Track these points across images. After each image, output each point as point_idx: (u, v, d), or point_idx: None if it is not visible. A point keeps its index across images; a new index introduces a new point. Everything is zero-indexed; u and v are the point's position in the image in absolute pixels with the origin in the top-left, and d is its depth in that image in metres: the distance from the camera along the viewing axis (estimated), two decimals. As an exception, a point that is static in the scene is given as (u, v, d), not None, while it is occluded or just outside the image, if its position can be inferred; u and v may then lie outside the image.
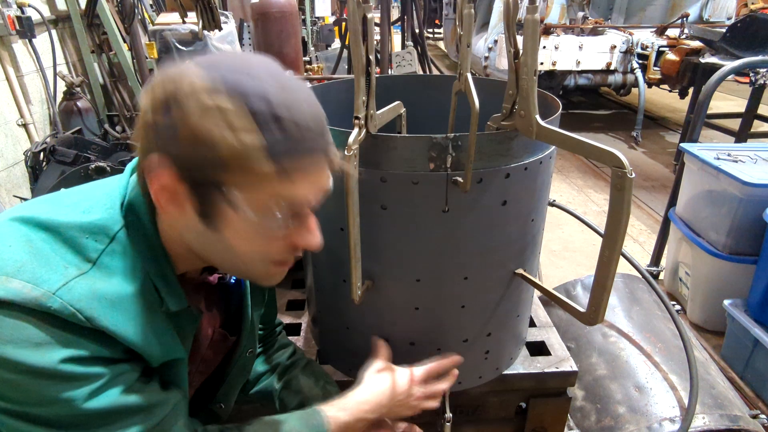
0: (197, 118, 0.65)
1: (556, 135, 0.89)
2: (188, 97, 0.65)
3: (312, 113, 0.72)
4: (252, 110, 0.65)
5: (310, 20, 6.95)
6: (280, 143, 0.67)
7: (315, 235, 0.79)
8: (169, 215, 0.74)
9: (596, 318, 0.97)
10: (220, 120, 0.65)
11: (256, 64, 0.70)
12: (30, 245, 0.69)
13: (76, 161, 3.39)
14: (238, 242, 0.74)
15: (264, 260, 0.79)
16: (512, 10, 0.88)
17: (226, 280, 1.01)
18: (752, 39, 4.28)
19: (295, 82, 0.73)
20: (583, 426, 1.50)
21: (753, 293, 2.27)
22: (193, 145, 0.66)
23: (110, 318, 0.69)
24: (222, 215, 0.71)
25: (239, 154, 0.66)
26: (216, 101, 0.65)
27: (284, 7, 3.12)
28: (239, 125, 0.65)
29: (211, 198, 0.70)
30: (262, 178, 0.68)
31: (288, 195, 0.71)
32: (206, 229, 0.73)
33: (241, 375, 1.11)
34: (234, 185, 0.68)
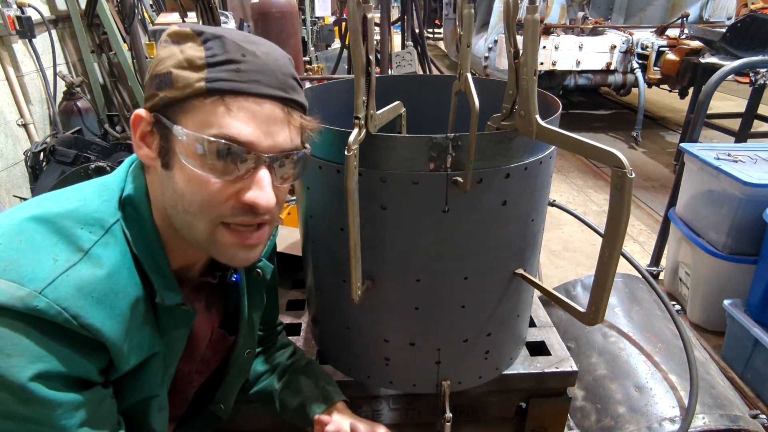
0: (161, 50, 0.74)
1: (556, 135, 0.89)
2: (161, 40, 0.75)
3: (267, 62, 0.74)
4: (205, 44, 0.71)
5: (310, 20, 6.95)
6: (222, 70, 0.70)
7: (263, 190, 0.73)
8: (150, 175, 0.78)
9: (596, 318, 0.97)
10: (175, 45, 0.72)
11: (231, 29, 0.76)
12: (20, 240, 0.68)
13: (76, 161, 3.39)
14: (182, 184, 0.73)
15: (207, 214, 0.74)
16: (512, 10, 0.88)
17: (227, 279, 1.01)
18: (752, 39, 4.28)
19: (267, 43, 0.77)
20: (583, 426, 1.50)
21: (753, 293, 2.27)
22: (155, 72, 0.73)
23: (97, 315, 0.69)
24: (172, 150, 0.73)
25: (182, 69, 0.70)
26: (179, 36, 0.73)
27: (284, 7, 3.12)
28: (190, 51, 0.71)
29: (164, 129, 0.73)
30: (199, 100, 0.70)
31: (226, 126, 0.70)
32: (164, 172, 0.75)
33: (239, 375, 1.11)
34: (178, 109, 0.72)
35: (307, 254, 1.27)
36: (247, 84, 0.71)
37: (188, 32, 0.72)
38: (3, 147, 3.91)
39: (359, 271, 1.00)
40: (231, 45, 0.71)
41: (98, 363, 0.73)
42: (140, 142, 0.76)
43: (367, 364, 1.25)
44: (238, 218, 0.76)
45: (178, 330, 0.86)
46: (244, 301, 1.02)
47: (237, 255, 0.80)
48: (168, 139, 0.73)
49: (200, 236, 0.76)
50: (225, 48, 0.71)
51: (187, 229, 0.77)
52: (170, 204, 0.76)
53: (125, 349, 0.74)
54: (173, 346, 0.87)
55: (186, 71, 0.70)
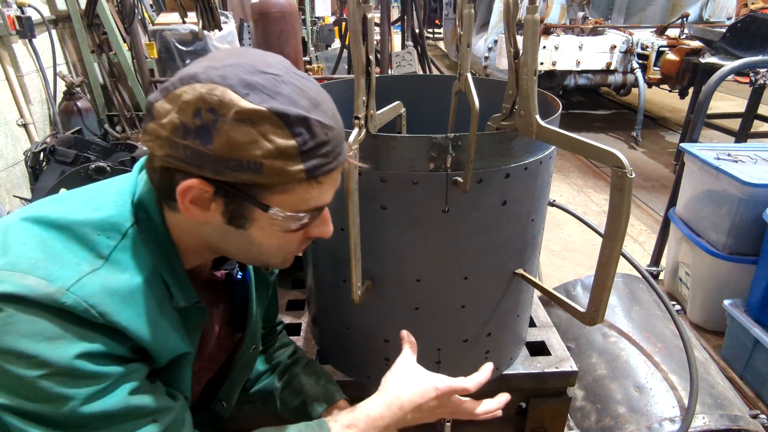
0: (232, 127, 0.66)
1: (556, 135, 0.89)
2: (223, 109, 0.65)
3: (338, 124, 0.76)
4: (291, 129, 0.68)
5: (310, 20, 6.95)
6: (312, 148, 0.70)
7: (329, 225, 0.85)
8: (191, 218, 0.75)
9: (596, 318, 0.97)
10: (253, 128, 0.66)
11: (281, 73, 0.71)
12: (43, 243, 0.70)
13: (76, 161, 3.39)
14: (262, 239, 0.78)
15: (282, 252, 0.84)
16: (512, 10, 0.88)
17: (233, 275, 1.01)
18: (752, 39, 4.28)
19: (318, 90, 0.76)
20: (583, 426, 1.50)
21: (753, 293, 2.27)
22: (228, 152, 0.67)
23: (123, 314, 0.70)
24: (250, 217, 0.75)
25: (274, 159, 0.68)
26: (254, 116, 0.66)
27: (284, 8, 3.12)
28: (279, 141, 0.67)
29: (241, 203, 0.73)
30: (294, 182, 0.71)
31: (316, 197, 0.75)
32: (230, 228, 0.76)
33: (244, 372, 1.11)
34: (266, 189, 0.71)
35: (307, 254, 1.27)
36: (335, 162, 0.75)
37: (265, 113, 0.66)
38: (3, 147, 3.91)
39: (359, 271, 1.00)
40: (316, 126, 0.70)
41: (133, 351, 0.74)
42: (190, 204, 0.72)
43: (367, 364, 1.25)
44: (304, 247, 0.87)
45: (193, 328, 0.87)
46: (252, 296, 1.03)
47: (287, 263, 0.89)
48: (244, 209, 0.74)
49: (271, 264, 0.88)
50: (312, 132, 0.70)
51: (256, 262, 0.88)
52: (239, 249, 0.82)
53: (155, 348, 0.76)
54: (193, 344, 0.88)
55: (279, 161, 0.68)
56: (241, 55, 0.72)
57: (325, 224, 0.84)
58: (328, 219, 0.84)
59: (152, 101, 0.70)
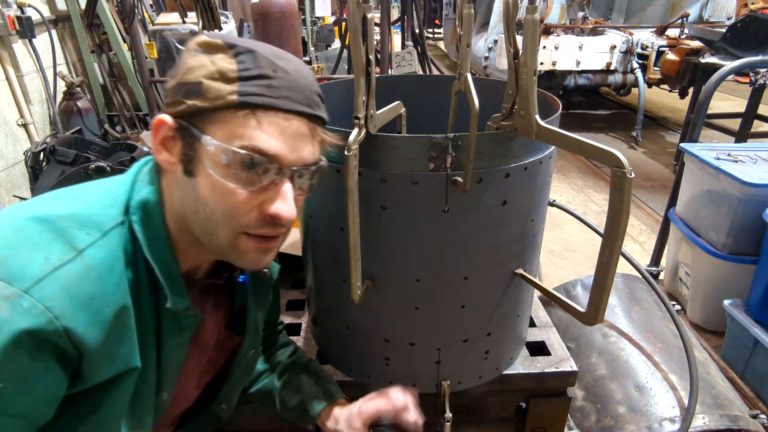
0: (190, 58, 0.73)
1: (556, 135, 0.89)
2: (191, 43, 0.74)
3: (297, 79, 0.75)
4: (237, 57, 0.72)
5: (310, 20, 6.95)
6: (254, 84, 0.71)
7: (288, 203, 0.76)
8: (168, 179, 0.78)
9: (596, 318, 0.97)
10: (205, 55, 0.72)
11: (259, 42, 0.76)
12: (16, 236, 0.68)
13: (76, 161, 3.39)
14: (205, 192, 0.74)
15: (231, 224, 0.76)
16: (512, 10, 0.88)
17: (233, 279, 1.01)
18: (752, 39, 4.28)
19: (294, 58, 0.77)
20: (583, 426, 1.50)
21: (753, 293, 2.27)
22: (182, 77, 0.73)
23: (80, 319, 0.68)
24: (197, 158, 0.74)
25: (213, 80, 0.71)
26: (209, 46, 0.73)
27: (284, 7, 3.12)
28: (222, 63, 0.71)
29: (190, 137, 0.73)
30: (230, 112, 0.71)
31: (256, 139, 0.72)
32: (186, 179, 0.75)
33: (244, 375, 1.11)
34: (207, 119, 0.72)
35: (307, 254, 1.27)
36: (278, 99, 0.72)
37: (220, 44, 0.72)
38: (3, 147, 3.91)
39: (359, 271, 1.00)
40: (263, 60, 0.72)
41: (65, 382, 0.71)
42: (160, 146, 0.75)
43: (367, 364, 1.25)
44: (261, 230, 0.78)
45: (182, 335, 0.86)
46: (251, 300, 1.03)
47: (254, 260, 0.82)
48: (193, 147, 0.73)
49: (221, 243, 0.78)
50: (257, 63, 0.71)
51: (208, 235, 0.78)
52: (190, 210, 0.77)
53: (102, 359, 0.72)
54: (175, 352, 0.87)
55: (218, 83, 0.70)
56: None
57: (281, 199, 0.75)
58: (285, 195, 0.75)
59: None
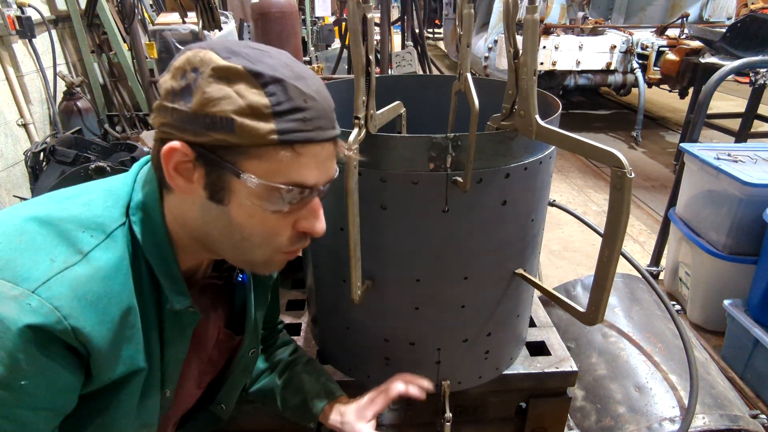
0: (208, 83, 0.68)
1: (556, 135, 0.89)
2: (203, 66, 0.68)
3: (323, 100, 0.74)
4: (265, 89, 0.68)
5: (310, 20, 6.95)
6: (286, 111, 0.69)
7: (320, 220, 0.80)
8: (178, 195, 0.76)
9: (596, 318, 0.97)
10: (227, 84, 0.67)
11: (272, 52, 0.72)
12: (20, 239, 0.68)
13: (76, 161, 3.38)
14: (242, 219, 0.74)
15: (266, 244, 0.78)
16: (512, 10, 0.88)
17: (233, 279, 1.01)
18: (752, 39, 4.28)
19: (309, 72, 0.75)
20: (583, 426, 1.50)
21: (753, 293, 2.26)
22: (203, 108, 0.68)
23: (87, 319, 0.68)
24: (228, 188, 0.72)
25: (245, 117, 0.67)
26: (229, 73, 0.67)
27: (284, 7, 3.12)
28: (252, 97, 0.68)
29: (219, 170, 0.71)
30: (266, 146, 0.69)
31: (295, 172, 0.72)
32: (212, 204, 0.74)
33: (243, 376, 1.11)
34: (240, 153, 0.70)
35: (307, 254, 1.27)
36: (314, 132, 0.72)
37: (240, 70, 0.68)
38: (3, 147, 3.91)
39: (359, 271, 1.00)
40: (292, 90, 0.69)
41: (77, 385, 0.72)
42: (174, 172, 0.72)
43: (367, 364, 1.25)
44: (296, 246, 0.81)
45: (184, 333, 0.86)
46: (250, 300, 1.03)
47: (275, 266, 0.85)
48: (222, 178, 0.72)
49: (256, 259, 0.81)
50: (288, 94, 0.69)
51: (240, 252, 0.80)
52: (220, 232, 0.77)
53: (110, 359, 0.73)
54: (177, 350, 0.87)
55: (251, 120, 0.68)
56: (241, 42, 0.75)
57: (314, 217, 0.79)
58: (317, 212, 0.79)
59: (159, 79, 0.74)
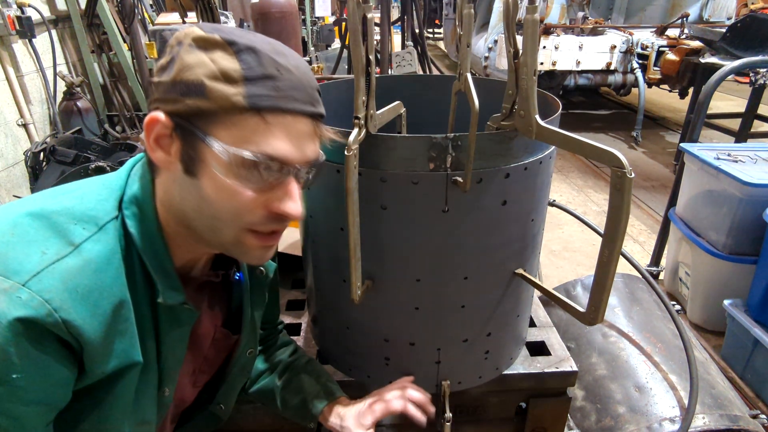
0: (187, 51, 0.70)
1: (556, 135, 0.89)
2: (182, 40, 0.71)
3: (301, 75, 0.74)
4: (239, 56, 0.69)
5: (310, 20, 6.95)
6: (258, 77, 0.69)
7: (295, 202, 0.76)
8: (162, 176, 0.76)
9: (596, 318, 0.97)
10: (203, 52, 0.69)
11: (258, 35, 0.73)
12: (12, 232, 0.68)
13: (76, 161, 3.39)
14: (211, 192, 0.73)
15: (237, 222, 0.76)
16: (512, 10, 0.88)
17: (230, 278, 1.01)
18: (752, 39, 4.28)
19: (291, 52, 0.75)
20: (583, 426, 1.50)
21: (753, 293, 2.27)
22: (179, 75, 0.69)
23: (78, 311, 0.68)
24: (200, 158, 0.72)
25: (216, 81, 0.68)
26: (206, 42, 0.69)
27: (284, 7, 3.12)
28: (223, 62, 0.69)
29: (192, 138, 0.71)
30: (235, 111, 0.69)
31: (264, 141, 0.71)
32: (186, 178, 0.74)
33: (241, 375, 1.11)
34: (212, 121, 0.70)
35: (307, 254, 1.27)
36: (285, 101, 0.71)
37: (217, 40, 0.69)
38: (3, 147, 3.91)
39: (359, 271, 1.00)
40: (266, 59, 0.70)
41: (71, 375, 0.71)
42: (155, 144, 0.73)
43: (367, 364, 1.25)
44: (268, 227, 0.78)
45: (181, 330, 0.86)
46: (247, 299, 1.03)
47: (258, 256, 0.83)
48: (195, 148, 0.71)
49: (226, 239, 0.79)
50: (261, 62, 0.69)
51: (212, 232, 0.78)
52: (192, 208, 0.76)
53: (103, 352, 0.73)
54: (174, 348, 0.87)
55: (221, 84, 0.68)
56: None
57: (289, 197, 0.76)
58: (292, 193, 0.76)
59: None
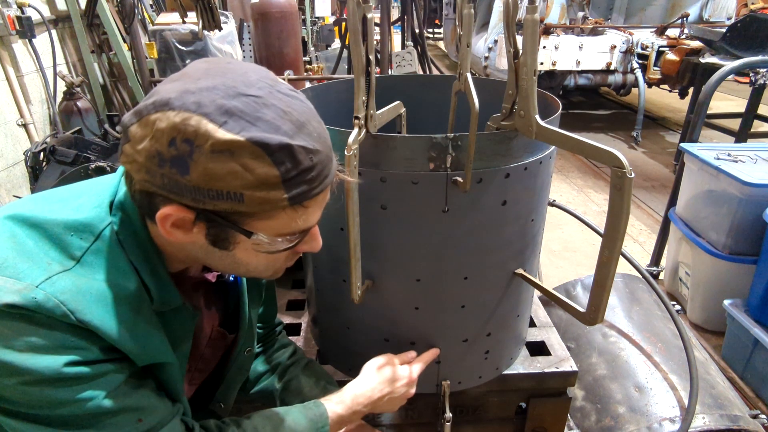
0: (209, 158, 0.63)
1: (556, 135, 0.89)
2: (198, 140, 0.62)
3: (325, 151, 0.72)
4: (273, 158, 0.64)
5: (310, 20, 6.95)
6: (295, 176, 0.67)
7: (318, 240, 0.84)
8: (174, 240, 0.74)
9: (596, 318, 0.97)
10: (232, 159, 0.63)
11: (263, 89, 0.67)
12: (14, 241, 0.69)
13: (76, 161, 3.39)
14: (248, 260, 0.78)
15: (271, 268, 0.85)
16: (512, 10, 0.88)
17: (225, 278, 1.01)
18: (752, 39, 4.27)
19: (300, 103, 0.70)
20: (583, 426, 1.50)
21: (753, 293, 2.26)
22: (206, 183, 0.64)
23: (95, 312, 0.68)
24: (234, 240, 0.74)
25: (255, 189, 0.65)
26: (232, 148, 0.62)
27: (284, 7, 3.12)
28: (260, 171, 0.64)
29: (223, 228, 0.71)
30: (277, 209, 0.69)
31: (302, 221, 0.74)
32: (215, 249, 0.75)
33: (239, 374, 1.11)
34: (249, 216, 0.70)
35: (307, 254, 1.27)
36: (320, 185, 0.72)
37: (244, 144, 0.63)
38: (3, 147, 3.91)
39: (359, 271, 1.00)
40: (299, 152, 0.66)
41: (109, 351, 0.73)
42: (172, 229, 0.71)
43: (367, 364, 1.25)
44: (292, 263, 0.88)
45: (184, 329, 0.87)
46: (244, 298, 1.03)
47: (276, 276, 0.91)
48: (227, 234, 0.72)
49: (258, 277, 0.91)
50: (296, 159, 0.66)
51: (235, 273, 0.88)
52: (224, 266, 0.81)
53: (132, 351, 0.74)
54: (181, 346, 0.87)
55: (262, 191, 0.66)
56: (221, 72, 0.67)
57: (313, 240, 0.83)
58: (316, 234, 0.83)
59: (126, 124, 0.66)
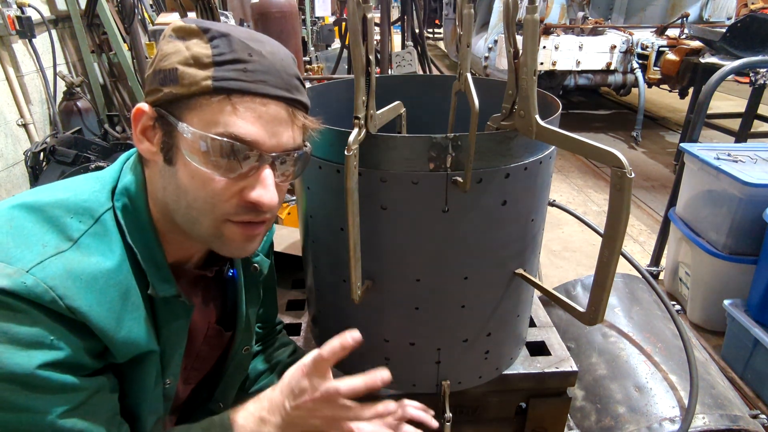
0: (165, 44, 0.73)
1: (556, 135, 0.89)
2: (164, 34, 0.74)
3: (273, 62, 0.74)
4: (211, 41, 0.71)
5: (310, 20, 6.96)
6: (229, 69, 0.71)
7: (267, 189, 0.75)
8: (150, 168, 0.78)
9: (596, 318, 0.97)
10: (180, 41, 0.72)
11: (239, 27, 0.76)
12: (10, 225, 0.69)
13: (76, 161, 3.40)
14: (186, 180, 0.74)
15: (212, 211, 0.75)
16: (512, 10, 0.88)
17: (223, 274, 1.01)
18: (752, 39, 4.28)
19: (271, 41, 0.77)
20: (583, 426, 1.50)
21: (753, 293, 2.27)
22: (158, 64, 0.73)
23: (84, 298, 0.68)
24: (176, 145, 0.73)
25: (188, 66, 0.70)
26: (184, 32, 0.72)
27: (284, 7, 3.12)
28: (196, 48, 0.71)
29: (168, 127, 0.73)
30: (206, 98, 0.71)
31: (232, 123, 0.71)
32: (166, 168, 0.75)
33: (238, 373, 1.11)
34: (184, 106, 0.72)
35: (307, 254, 1.27)
36: (253, 84, 0.72)
37: (194, 28, 0.72)
38: (3, 147, 3.91)
39: (359, 271, 1.00)
40: (238, 44, 0.71)
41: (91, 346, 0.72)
42: (141, 135, 0.76)
43: (367, 364, 1.25)
44: (243, 217, 0.77)
45: (177, 323, 0.86)
46: (241, 296, 1.03)
47: (239, 248, 0.82)
48: (172, 135, 0.73)
49: (204, 231, 0.78)
50: (232, 47, 0.71)
51: (191, 223, 0.78)
52: (172, 199, 0.77)
53: (117, 339, 0.73)
54: (173, 340, 0.87)
55: (192, 68, 0.70)
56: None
57: (261, 185, 0.74)
58: (265, 181, 0.75)
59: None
